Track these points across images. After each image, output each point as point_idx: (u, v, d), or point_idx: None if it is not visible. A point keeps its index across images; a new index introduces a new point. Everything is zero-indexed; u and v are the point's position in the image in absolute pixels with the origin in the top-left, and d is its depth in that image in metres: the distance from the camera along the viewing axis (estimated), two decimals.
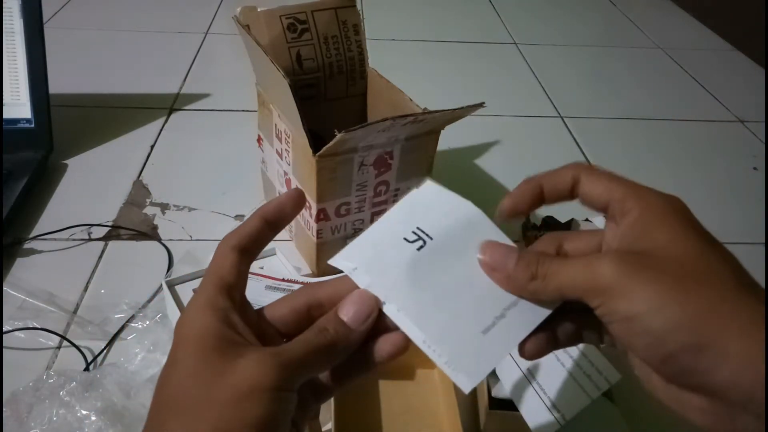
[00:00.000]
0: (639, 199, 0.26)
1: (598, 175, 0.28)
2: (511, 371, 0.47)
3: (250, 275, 0.30)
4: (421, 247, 0.28)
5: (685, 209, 0.26)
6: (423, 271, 0.28)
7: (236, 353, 0.24)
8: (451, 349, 0.26)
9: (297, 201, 0.30)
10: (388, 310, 0.27)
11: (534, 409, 0.45)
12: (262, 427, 0.23)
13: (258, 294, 0.53)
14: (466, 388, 0.25)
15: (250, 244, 0.29)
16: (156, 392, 0.25)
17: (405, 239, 0.29)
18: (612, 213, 0.27)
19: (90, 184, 0.76)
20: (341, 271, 0.29)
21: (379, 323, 0.28)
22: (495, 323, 0.27)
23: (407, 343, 0.27)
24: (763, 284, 0.24)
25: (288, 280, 0.57)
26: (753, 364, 0.21)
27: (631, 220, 0.26)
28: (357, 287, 0.28)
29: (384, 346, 0.28)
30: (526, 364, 0.47)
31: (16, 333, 0.55)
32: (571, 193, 0.29)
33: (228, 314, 0.26)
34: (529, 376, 0.46)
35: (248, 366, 0.24)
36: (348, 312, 0.27)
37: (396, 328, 0.27)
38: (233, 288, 0.27)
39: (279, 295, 0.48)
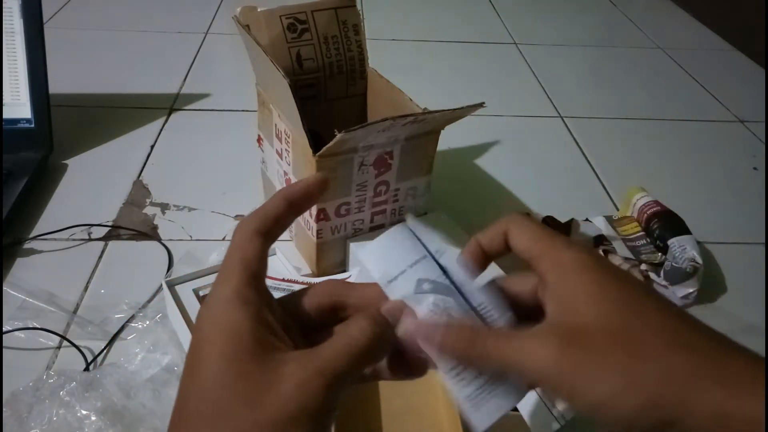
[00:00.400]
0: (552, 261, 0.26)
1: (522, 230, 0.28)
2: None
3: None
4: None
5: (595, 262, 0.25)
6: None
7: (276, 362, 0.23)
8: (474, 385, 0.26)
9: (323, 184, 0.28)
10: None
11: (534, 409, 0.45)
12: None
13: None
14: (480, 428, 0.25)
15: (274, 226, 0.27)
16: (180, 394, 0.23)
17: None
18: (535, 268, 0.27)
19: (90, 184, 0.76)
20: (342, 270, 0.29)
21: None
22: None
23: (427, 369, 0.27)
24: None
25: (288, 280, 0.57)
26: (723, 418, 0.21)
27: (552, 289, 0.25)
28: (385, 296, 0.27)
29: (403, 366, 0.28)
30: None
31: (16, 333, 0.55)
32: (507, 247, 0.28)
33: (260, 310, 0.24)
34: None
35: (292, 386, 0.22)
36: (389, 310, 0.26)
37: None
38: (261, 278, 0.25)
39: (278, 295, 0.48)
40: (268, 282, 0.30)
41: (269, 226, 0.27)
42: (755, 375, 0.21)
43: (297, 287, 0.56)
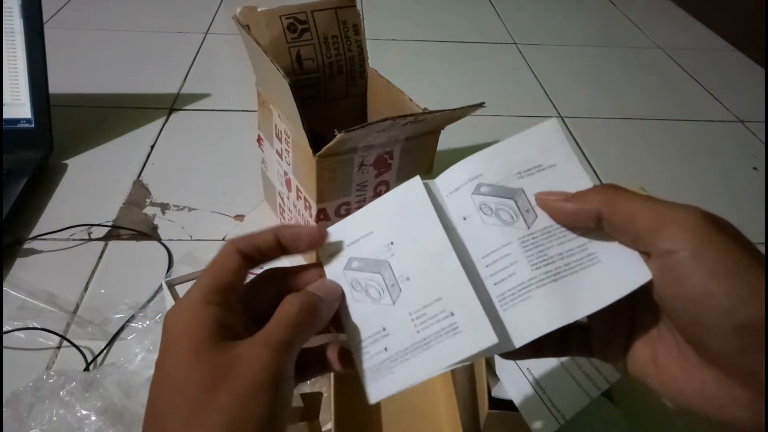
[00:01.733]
0: (674, 210, 0.25)
1: (626, 195, 0.26)
2: (511, 371, 0.47)
3: (249, 275, 0.30)
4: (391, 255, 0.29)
5: (722, 222, 0.25)
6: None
7: (232, 348, 0.25)
8: (369, 363, 0.28)
9: (315, 240, 0.30)
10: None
11: (534, 409, 0.45)
12: (268, 423, 0.23)
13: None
14: (371, 400, 0.27)
15: (256, 254, 0.29)
16: (151, 393, 0.25)
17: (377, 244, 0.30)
18: (648, 229, 0.25)
19: (90, 184, 0.76)
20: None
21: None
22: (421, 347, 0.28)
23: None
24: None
25: None
26: None
27: (675, 226, 0.24)
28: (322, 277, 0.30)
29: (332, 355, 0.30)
30: (525, 364, 0.47)
31: (16, 333, 0.55)
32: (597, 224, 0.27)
33: (221, 310, 0.26)
34: (529, 376, 0.46)
35: (245, 362, 0.24)
36: (320, 288, 0.29)
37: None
38: (229, 288, 0.27)
39: None
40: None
41: (251, 252, 0.29)
42: None
43: None
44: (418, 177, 0.30)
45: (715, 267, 0.23)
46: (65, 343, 0.55)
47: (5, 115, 0.75)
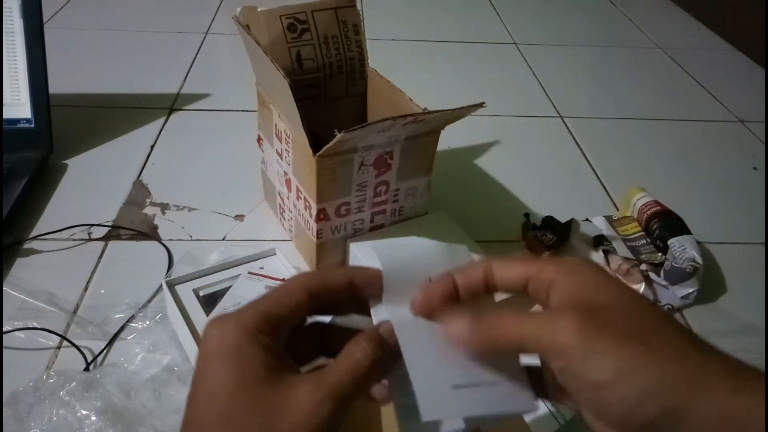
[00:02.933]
0: (557, 265, 0.26)
1: (509, 261, 0.28)
2: None
3: (249, 275, 0.30)
4: None
5: (598, 268, 0.26)
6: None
7: (286, 384, 0.24)
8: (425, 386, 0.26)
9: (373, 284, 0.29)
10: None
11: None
12: None
13: (258, 294, 0.53)
14: (425, 417, 0.26)
15: (326, 294, 0.28)
16: (192, 412, 0.24)
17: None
18: (534, 287, 0.27)
19: (90, 184, 0.76)
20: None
21: None
22: (468, 386, 0.28)
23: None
24: None
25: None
26: (730, 422, 0.21)
27: (560, 283, 0.25)
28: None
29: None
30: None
31: (16, 333, 0.55)
32: (485, 286, 0.28)
33: (271, 340, 0.25)
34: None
35: (303, 408, 0.23)
36: (385, 331, 0.27)
37: None
38: (285, 325, 0.26)
39: None
40: (269, 282, 0.30)
41: (321, 291, 0.27)
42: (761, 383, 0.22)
43: None
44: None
45: (602, 376, 0.23)
46: (65, 343, 0.55)
47: (5, 115, 0.75)
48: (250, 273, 0.56)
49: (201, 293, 0.55)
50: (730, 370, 0.22)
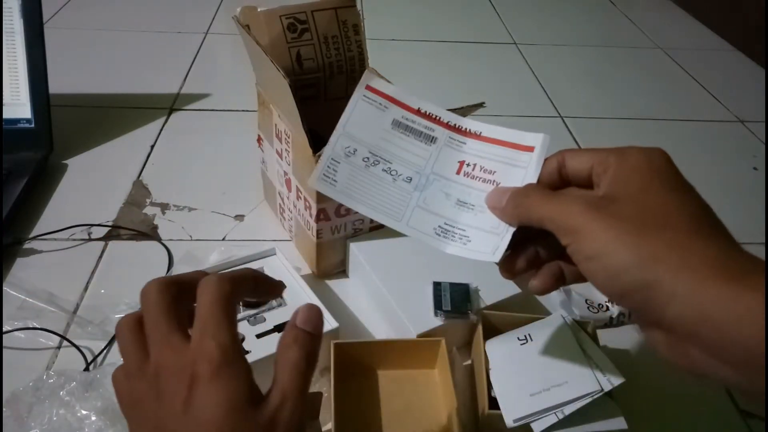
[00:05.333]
0: (619, 155, 0.30)
1: (579, 150, 0.32)
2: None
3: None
4: None
5: (664, 161, 0.30)
6: None
7: (263, 405, 0.26)
8: None
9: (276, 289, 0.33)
10: None
11: None
12: None
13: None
14: (508, 422, 0.38)
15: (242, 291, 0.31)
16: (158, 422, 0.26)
17: None
18: (596, 173, 0.30)
19: (90, 184, 0.76)
20: (342, 270, 0.31)
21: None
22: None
23: None
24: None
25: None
26: (696, 302, 0.24)
27: (610, 172, 0.29)
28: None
29: None
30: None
31: (16, 333, 0.55)
32: (559, 174, 0.33)
33: (246, 364, 0.27)
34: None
35: (272, 410, 0.26)
36: (308, 322, 0.29)
37: None
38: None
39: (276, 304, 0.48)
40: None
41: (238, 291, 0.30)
42: (757, 278, 0.24)
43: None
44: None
45: (591, 251, 0.27)
46: (65, 343, 0.55)
47: (5, 115, 0.75)
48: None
49: None
50: (725, 261, 0.25)
